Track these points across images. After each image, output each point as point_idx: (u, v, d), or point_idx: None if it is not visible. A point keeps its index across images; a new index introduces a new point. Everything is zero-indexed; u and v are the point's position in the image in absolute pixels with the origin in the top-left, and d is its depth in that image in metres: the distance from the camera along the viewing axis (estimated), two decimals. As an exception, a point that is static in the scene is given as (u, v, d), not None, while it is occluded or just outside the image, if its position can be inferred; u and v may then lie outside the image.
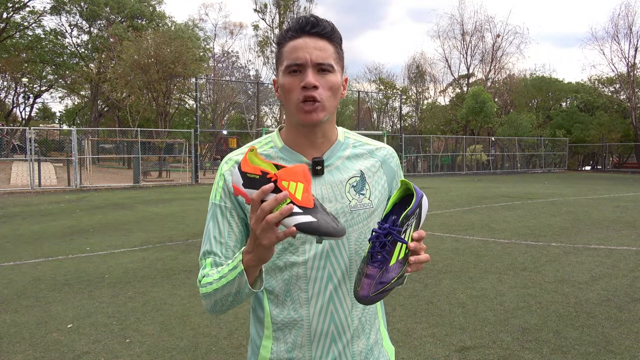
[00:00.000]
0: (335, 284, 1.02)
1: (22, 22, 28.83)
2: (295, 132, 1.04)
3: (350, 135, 1.13)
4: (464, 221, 8.40)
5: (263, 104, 31.18)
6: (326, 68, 0.97)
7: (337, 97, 1.01)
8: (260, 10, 32.22)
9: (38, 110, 41.48)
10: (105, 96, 28.92)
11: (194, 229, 7.72)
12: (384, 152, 1.12)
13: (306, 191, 0.82)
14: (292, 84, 0.97)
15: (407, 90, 39.12)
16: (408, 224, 0.89)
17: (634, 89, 29.75)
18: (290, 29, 0.99)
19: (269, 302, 1.04)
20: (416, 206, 0.90)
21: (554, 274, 4.87)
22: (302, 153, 1.04)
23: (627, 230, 7.42)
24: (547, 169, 30.71)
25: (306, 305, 1.01)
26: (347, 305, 1.03)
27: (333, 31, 1.00)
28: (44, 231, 7.63)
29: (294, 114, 0.99)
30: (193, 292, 4.36)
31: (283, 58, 0.99)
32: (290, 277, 1.01)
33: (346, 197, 1.03)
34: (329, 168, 1.04)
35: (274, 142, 1.08)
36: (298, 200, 0.81)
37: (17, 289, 4.46)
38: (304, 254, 1.00)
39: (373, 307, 1.10)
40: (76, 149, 16.93)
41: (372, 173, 1.08)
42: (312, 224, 0.81)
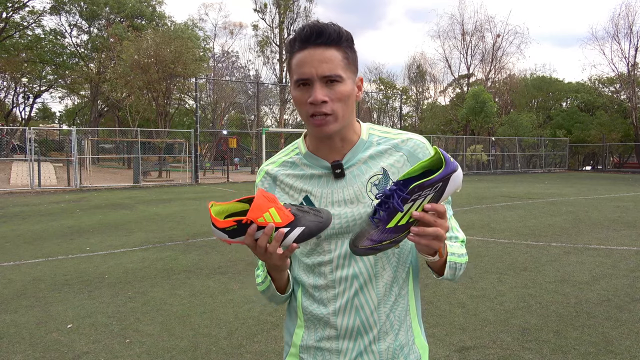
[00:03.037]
0: (360, 282, 1.04)
1: (22, 22, 28.83)
2: (315, 138, 1.08)
3: (376, 132, 1.11)
4: (464, 221, 8.40)
5: (263, 104, 31.19)
6: (334, 79, 0.96)
7: (350, 103, 1.01)
8: (260, 10, 32.17)
9: (38, 110, 41.54)
10: (105, 96, 28.90)
11: (194, 229, 7.72)
12: (410, 144, 1.08)
13: (280, 210, 0.88)
14: (301, 98, 0.98)
15: (407, 90, 39.14)
16: (421, 194, 0.84)
17: (634, 88, 29.73)
18: (296, 40, 0.99)
19: (302, 294, 1.11)
20: (437, 179, 0.84)
21: (554, 274, 4.87)
22: (323, 157, 1.08)
23: (627, 230, 7.42)
24: (547, 169, 30.70)
25: (333, 302, 1.06)
26: (374, 302, 1.05)
27: (340, 36, 0.98)
28: (43, 231, 7.63)
29: (308, 127, 1.03)
30: (193, 292, 4.36)
31: (292, 71, 1.01)
32: (319, 275, 1.06)
33: (367, 197, 1.04)
34: (350, 169, 1.06)
35: (299, 148, 1.13)
36: (280, 223, 0.87)
37: (17, 289, 4.46)
38: (329, 253, 1.05)
39: (404, 304, 1.09)
40: (76, 149, 16.92)
41: (396, 169, 1.05)
42: (304, 232, 0.89)
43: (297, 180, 1.08)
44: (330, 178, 1.06)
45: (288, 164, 1.12)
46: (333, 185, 1.05)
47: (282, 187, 1.10)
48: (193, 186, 18.37)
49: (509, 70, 35.16)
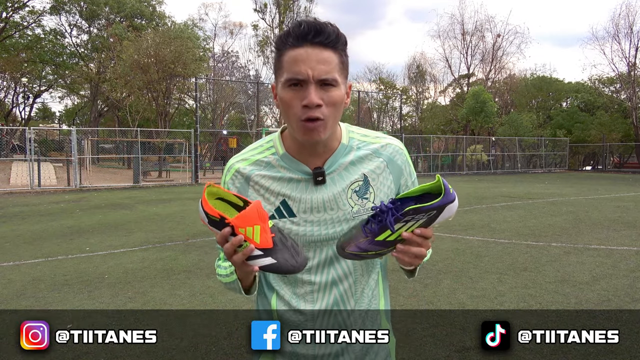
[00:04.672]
0: (340, 290, 1.04)
1: (22, 21, 28.81)
2: (296, 142, 1.01)
3: (355, 135, 1.08)
4: (464, 221, 8.40)
5: (263, 104, 31.18)
6: (330, 83, 0.92)
7: (341, 110, 0.97)
8: (260, 10, 32.19)
9: (38, 110, 41.49)
10: (105, 96, 28.88)
11: (193, 229, 7.72)
12: (389, 150, 1.07)
13: (264, 231, 0.87)
14: (292, 100, 0.92)
15: (407, 90, 39.11)
16: (414, 217, 0.87)
17: (634, 88, 29.72)
18: (290, 35, 0.92)
19: (276, 301, 1.08)
20: (433, 207, 0.87)
21: (555, 274, 4.87)
22: (303, 162, 1.02)
23: (627, 230, 7.41)
24: (547, 169, 30.70)
25: (311, 305, 1.04)
26: (351, 306, 1.06)
27: (338, 38, 0.93)
28: (43, 231, 7.62)
29: (295, 131, 0.96)
30: (193, 292, 4.36)
31: (283, 69, 0.93)
32: (296, 283, 1.05)
33: (348, 204, 1.02)
34: (331, 175, 1.02)
35: (276, 147, 1.05)
36: (257, 243, 0.87)
37: (16, 289, 4.46)
38: (308, 261, 1.02)
39: (376, 305, 1.11)
40: (76, 149, 16.91)
41: (376, 175, 1.05)
42: (273, 265, 0.88)
43: (274, 183, 1.03)
44: (310, 183, 1.02)
45: (262, 164, 1.04)
46: (312, 191, 1.02)
47: (256, 188, 1.04)
48: (193, 186, 18.37)
49: (509, 70, 35.22)
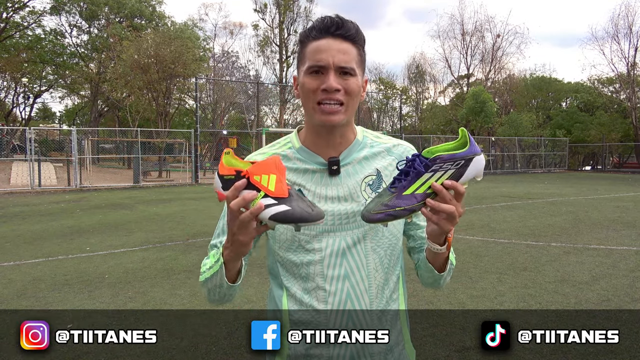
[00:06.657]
0: (352, 283, 1.02)
1: (22, 22, 28.79)
2: (314, 133, 1.05)
3: (369, 135, 1.13)
4: (463, 221, 8.40)
5: (263, 104, 31.19)
6: (348, 71, 0.97)
7: (357, 100, 1.01)
8: (260, 10, 32.23)
9: (38, 110, 41.47)
10: (105, 96, 28.90)
11: (194, 229, 7.72)
12: (401, 149, 1.12)
13: (279, 181, 0.84)
14: (312, 85, 0.97)
15: (407, 90, 39.11)
16: (442, 167, 0.85)
17: (634, 88, 29.72)
18: (314, 28, 0.98)
19: (287, 299, 1.05)
20: (461, 156, 0.85)
21: (554, 274, 4.87)
22: (319, 153, 1.05)
23: (627, 230, 7.42)
24: (547, 169, 30.70)
25: (324, 303, 1.02)
26: (366, 303, 1.03)
27: (357, 33, 0.99)
28: (43, 231, 7.63)
29: (313, 115, 1.00)
30: (193, 292, 4.36)
31: (305, 58, 0.99)
32: (308, 275, 1.02)
33: (362, 196, 1.04)
34: (346, 167, 1.05)
35: (292, 142, 1.09)
36: (271, 191, 0.83)
37: (17, 289, 4.46)
38: (320, 252, 1.02)
39: (395, 308, 1.08)
40: (76, 149, 16.92)
41: (389, 172, 1.08)
42: (287, 212, 0.83)
43: (290, 174, 1.05)
44: (325, 174, 1.04)
45: (280, 157, 1.08)
46: (327, 181, 1.04)
47: None
48: (193, 186, 18.37)
49: (508, 70, 35.14)
